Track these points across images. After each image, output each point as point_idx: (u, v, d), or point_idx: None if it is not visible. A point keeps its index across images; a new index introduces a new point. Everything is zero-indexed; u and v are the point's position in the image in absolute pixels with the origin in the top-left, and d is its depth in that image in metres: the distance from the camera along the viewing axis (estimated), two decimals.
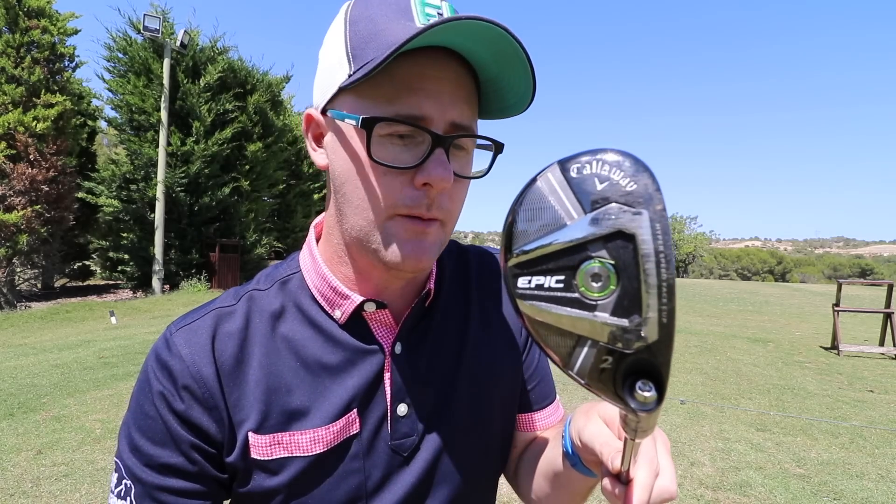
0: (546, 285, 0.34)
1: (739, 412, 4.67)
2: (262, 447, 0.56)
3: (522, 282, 0.34)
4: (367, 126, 0.51)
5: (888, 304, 7.53)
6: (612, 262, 0.32)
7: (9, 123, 11.77)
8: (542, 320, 0.34)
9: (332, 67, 0.54)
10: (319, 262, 0.62)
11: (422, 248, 0.54)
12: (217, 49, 15.41)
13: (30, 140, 12.06)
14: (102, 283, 17.61)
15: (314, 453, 0.57)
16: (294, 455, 0.56)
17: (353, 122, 0.51)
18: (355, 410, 0.59)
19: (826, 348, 7.90)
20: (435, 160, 0.50)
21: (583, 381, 0.35)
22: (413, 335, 0.63)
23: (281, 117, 18.19)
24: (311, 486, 0.57)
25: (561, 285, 0.34)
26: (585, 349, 0.34)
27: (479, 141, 0.57)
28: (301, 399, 0.58)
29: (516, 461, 0.74)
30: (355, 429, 0.59)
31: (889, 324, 7.40)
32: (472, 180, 0.58)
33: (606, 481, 0.43)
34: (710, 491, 3.10)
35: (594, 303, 0.33)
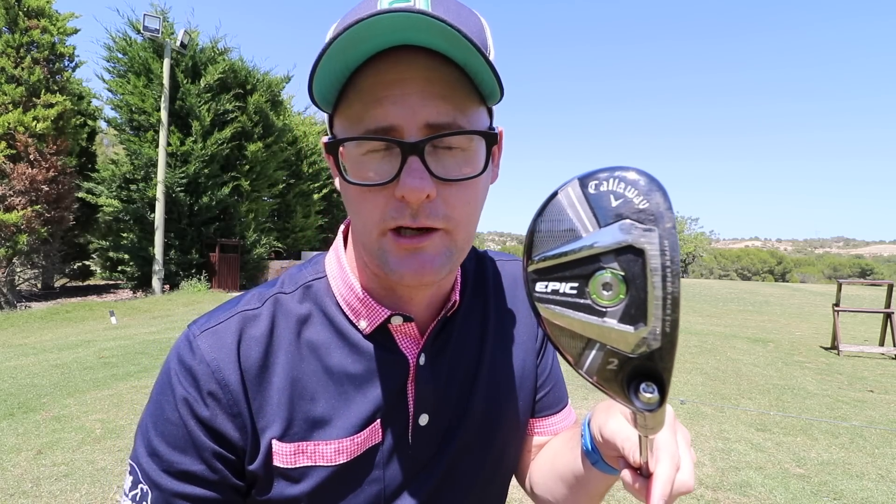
0: (561, 291, 0.37)
1: (739, 412, 4.67)
2: (285, 455, 0.55)
3: (540, 286, 0.37)
4: (332, 151, 0.51)
5: (888, 304, 7.54)
6: (623, 273, 0.35)
7: (9, 123, 11.78)
8: (556, 322, 0.37)
9: None
10: (346, 271, 0.61)
11: (419, 262, 0.51)
12: (217, 50, 15.43)
13: (30, 140, 12.07)
14: (102, 283, 17.63)
15: (337, 463, 0.56)
16: (317, 464, 0.56)
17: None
18: (378, 421, 0.58)
19: (826, 348, 7.91)
20: (406, 171, 0.47)
21: (592, 380, 0.38)
22: (435, 344, 0.62)
23: (281, 117, 18.21)
24: (332, 494, 0.57)
25: (574, 292, 0.36)
26: (594, 351, 0.37)
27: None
28: (324, 407, 0.57)
29: (530, 465, 0.74)
30: (377, 439, 0.59)
31: (889, 324, 7.41)
32: (489, 178, 0.56)
33: (628, 474, 0.44)
34: (710, 491, 3.11)
35: (604, 310, 0.36)
